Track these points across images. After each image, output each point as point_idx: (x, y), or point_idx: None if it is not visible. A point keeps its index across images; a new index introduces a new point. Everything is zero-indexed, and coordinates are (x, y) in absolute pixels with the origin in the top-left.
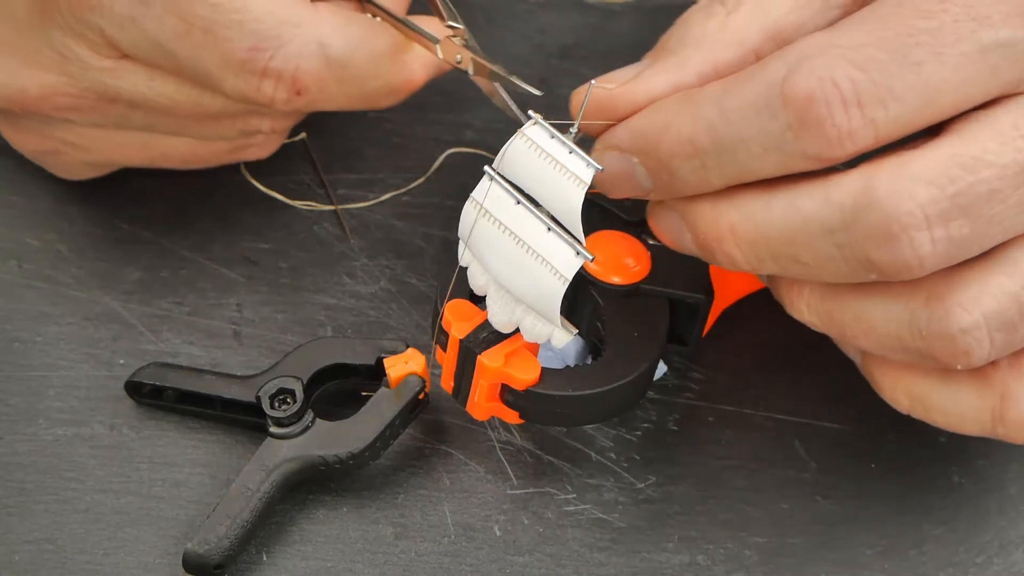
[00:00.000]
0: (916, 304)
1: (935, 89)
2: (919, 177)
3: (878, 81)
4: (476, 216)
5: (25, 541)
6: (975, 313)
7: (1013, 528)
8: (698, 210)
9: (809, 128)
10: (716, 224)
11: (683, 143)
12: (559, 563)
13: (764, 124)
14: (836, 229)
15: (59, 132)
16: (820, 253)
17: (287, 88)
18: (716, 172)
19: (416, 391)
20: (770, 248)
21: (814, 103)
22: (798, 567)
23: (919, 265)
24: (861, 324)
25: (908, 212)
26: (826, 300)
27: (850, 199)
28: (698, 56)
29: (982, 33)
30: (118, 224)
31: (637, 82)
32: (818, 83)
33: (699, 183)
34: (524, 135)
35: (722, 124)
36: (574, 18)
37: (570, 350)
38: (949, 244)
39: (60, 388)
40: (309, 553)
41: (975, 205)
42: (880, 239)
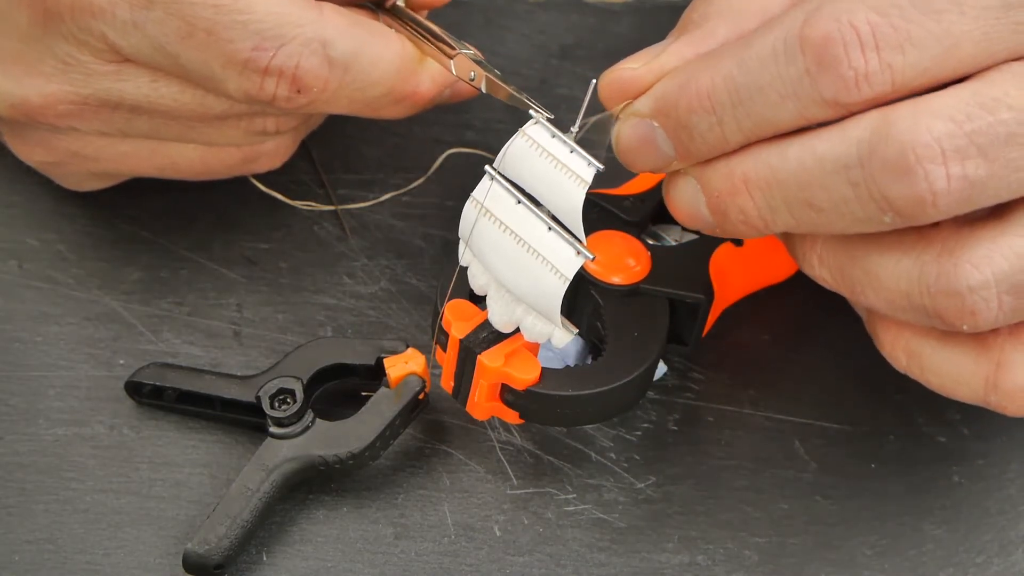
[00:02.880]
0: (927, 258)
1: (955, 39)
2: (937, 112)
3: (897, 25)
4: (477, 216)
5: (25, 541)
6: (985, 272)
7: (1013, 528)
8: (712, 169)
9: (826, 69)
10: (730, 177)
11: (701, 98)
12: (559, 563)
13: (781, 69)
14: (852, 165)
15: (64, 142)
16: (835, 194)
17: (288, 85)
18: (734, 127)
19: (416, 391)
20: (784, 194)
21: (831, 44)
22: (798, 567)
23: (933, 203)
24: (871, 279)
25: (925, 144)
26: (838, 254)
27: (867, 133)
28: (723, 27)
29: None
30: (118, 224)
31: (664, 57)
32: (836, 24)
33: (717, 141)
34: (525, 134)
35: (740, 74)
36: (574, 18)
37: (570, 350)
38: (964, 183)
39: (60, 388)
40: (309, 553)
41: (993, 146)
42: (896, 172)
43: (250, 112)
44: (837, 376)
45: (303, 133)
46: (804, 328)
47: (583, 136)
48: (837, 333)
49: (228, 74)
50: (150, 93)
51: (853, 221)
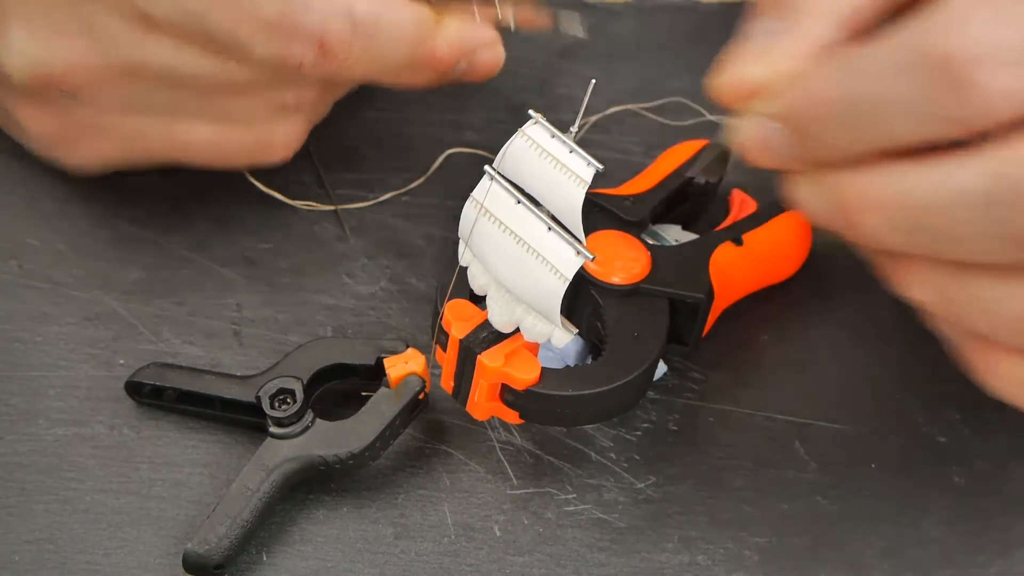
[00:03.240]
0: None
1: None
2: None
3: None
4: (476, 216)
5: (25, 541)
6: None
7: (1013, 528)
8: (841, 180)
9: (963, 90)
10: (861, 194)
11: (830, 106)
12: (559, 563)
13: (915, 86)
14: (992, 200)
15: (79, 113)
16: (969, 226)
17: (314, 49)
18: (862, 137)
19: (416, 391)
20: (912, 219)
21: (968, 64)
22: (798, 567)
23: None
24: (983, 304)
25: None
26: (946, 278)
27: (1008, 168)
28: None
29: None
30: (118, 224)
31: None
32: (972, 43)
33: (844, 149)
34: (525, 134)
35: (871, 87)
36: None
37: (570, 350)
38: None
39: (60, 388)
40: (309, 553)
41: None
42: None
43: (271, 82)
44: (837, 376)
45: (315, 119)
46: (804, 328)
47: (582, 136)
48: (837, 333)
49: (255, 38)
50: (174, 60)
51: (981, 252)
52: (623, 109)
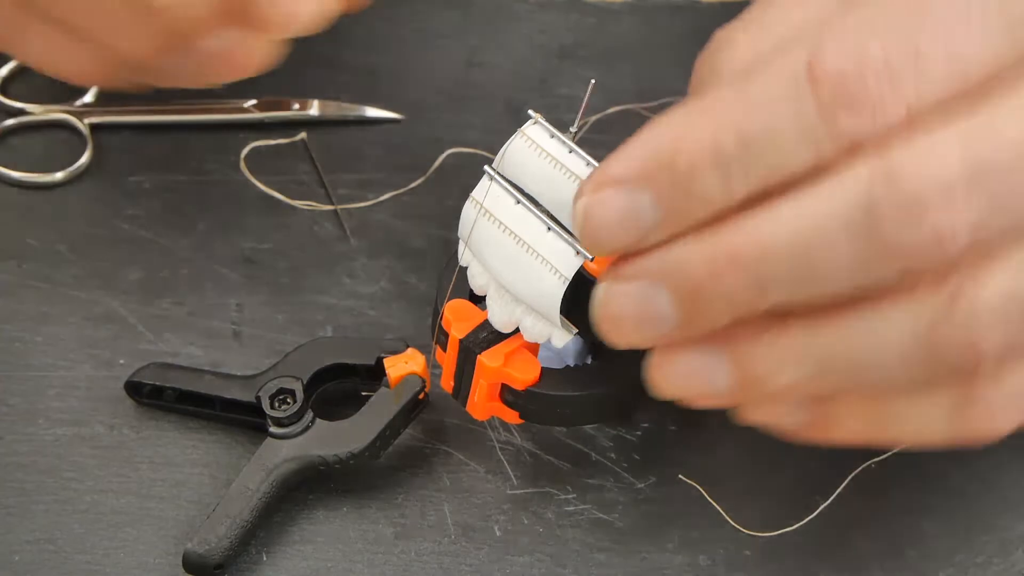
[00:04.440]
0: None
1: (965, 63)
2: (937, 152)
3: (907, 53)
4: (476, 216)
5: (25, 541)
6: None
7: (1013, 528)
8: (680, 255)
9: (843, 104)
10: (712, 260)
11: (706, 149)
12: (559, 563)
13: (794, 109)
14: (856, 219)
15: None
16: (840, 254)
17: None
18: (741, 179)
19: (416, 391)
20: (779, 266)
21: (846, 77)
22: (798, 567)
23: (942, 245)
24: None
25: (930, 187)
26: (820, 335)
27: (867, 183)
28: None
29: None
30: (118, 224)
31: None
32: (847, 56)
33: (720, 197)
34: (524, 134)
35: (748, 120)
36: (574, 18)
37: (570, 350)
38: (971, 222)
39: (60, 388)
40: (309, 553)
41: (996, 180)
42: (904, 219)
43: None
44: None
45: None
46: None
47: (582, 136)
48: None
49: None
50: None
51: (856, 280)
52: (623, 109)
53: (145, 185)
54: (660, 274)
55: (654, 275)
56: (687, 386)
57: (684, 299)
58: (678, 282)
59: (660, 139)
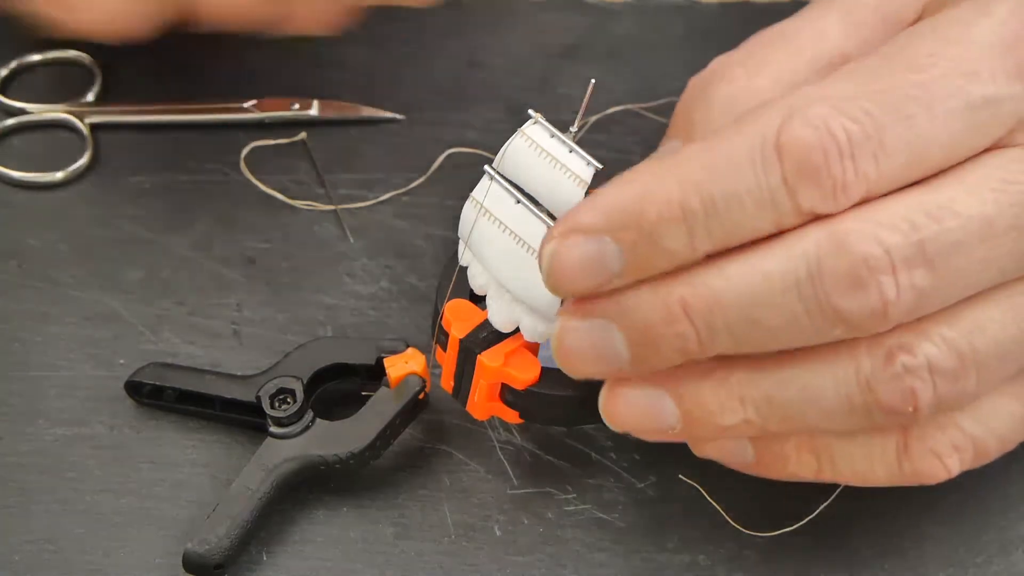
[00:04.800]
0: (861, 353)
1: (925, 144)
2: (886, 223)
3: (871, 134)
4: (476, 215)
5: (25, 541)
6: (920, 356)
7: (1013, 528)
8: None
9: (806, 178)
10: (665, 305)
11: (671, 207)
12: (559, 563)
13: (758, 177)
14: (802, 281)
15: None
16: (784, 311)
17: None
18: (704, 237)
19: (416, 391)
20: (727, 316)
21: (812, 152)
22: (798, 567)
23: (884, 313)
24: (808, 395)
25: (876, 256)
26: (763, 382)
27: (815, 247)
28: None
29: (970, 88)
30: (118, 224)
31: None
32: (814, 132)
33: (684, 252)
34: (524, 134)
35: (712, 182)
36: (574, 18)
37: None
38: (913, 292)
39: (60, 388)
40: (309, 553)
41: (940, 255)
42: (849, 286)
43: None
44: None
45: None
46: None
47: (582, 136)
48: None
49: None
50: None
51: (799, 336)
52: (623, 109)
53: (145, 185)
54: (615, 315)
55: (609, 315)
56: (637, 421)
57: (636, 341)
58: (631, 325)
59: (630, 193)
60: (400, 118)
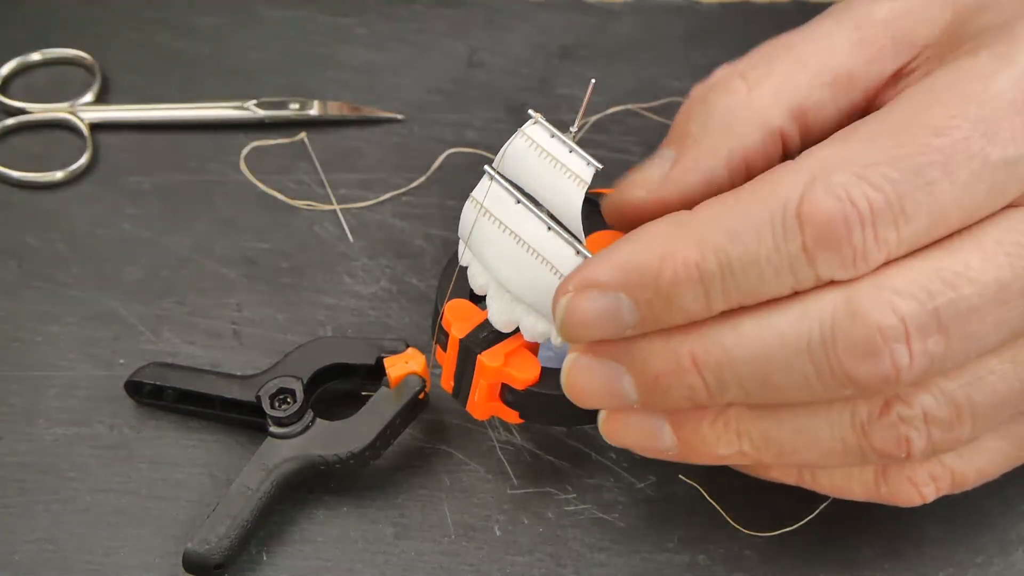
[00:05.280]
0: (859, 401)
1: (945, 209)
2: (901, 290)
3: (892, 201)
4: (476, 216)
5: (25, 541)
6: (915, 407)
7: (1013, 528)
8: (649, 349)
9: (827, 248)
10: (675, 357)
11: (689, 269)
12: (559, 563)
13: (778, 244)
14: (815, 345)
15: None
16: (796, 372)
17: None
18: (719, 298)
19: (416, 391)
20: (738, 372)
21: (834, 222)
22: (798, 567)
23: (897, 378)
24: (804, 437)
25: (891, 325)
26: (761, 421)
27: (829, 312)
28: (725, 142)
29: (991, 150)
30: (118, 224)
31: (670, 185)
32: (837, 202)
33: (699, 311)
34: (524, 134)
35: (732, 245)
36: (574, 18)
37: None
38: (926, 359)
39: (60, 388)
40: (309, 553)
41: (954, 321)
42: (862, 353)
43: None
44: None
45: None
46: None
47: (583, 136)
48: None
49: None
50: None
51: (809, 394)
52: (623, 109)
53: (145, 185)
54: (626, 359)
55: (620, 359)
56: (634, 441)
57: (645, 386)
58: (641, 371)
59: (647, 252)
60: (400, 118)
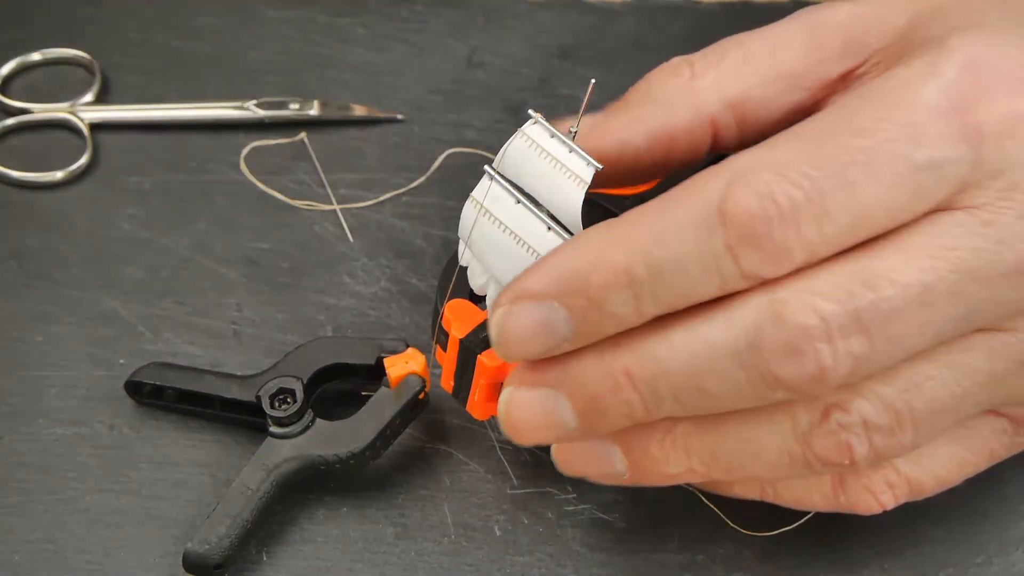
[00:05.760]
0: (798, 409)
1: (869, 209)
2: (822, 291)
3: (813, 199)
4: (476, 215)
5: (25, 541)
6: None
7: (1012, 528)
8: (582, 370)
9: (750, 244)
10: (610, 374)
11: (618, 273)
12: (559, 563)
13: (703, 243)
14: (742, 349)
15: None
16: (727, 378)
17: None
18: (650, 302)
19: (416, 391)
20: (672, 383)
21: (755, 219)
22: (798, 567)
23: (822, 378)
24: (749, 448)
25: (812, 325)
26: (706, 435)
27: (754, 316)
28: (653, 116)
29: (915, 153)
30: (118, 224)
31: (583, 141)
32: (757, 199)
33: (630, 316)
34: (524, 134)
35: (658, 248)
36: (574, 18)
37: None
38: (850, 359)
39: (60, 388)
40: (309, 553)
41: (875, 323)
42: (787, 354)
43: None
44: None
45: None
46: None
47: None
48: None
49: None
50: None
51: (743, 400)
52: None
53: (145, 185)
54: (562, 384)
55: (556, 384)
56: (588, 470)
57: (583, 409)
58: (578, 393)
59: (577, 259)
60: (400, 118)
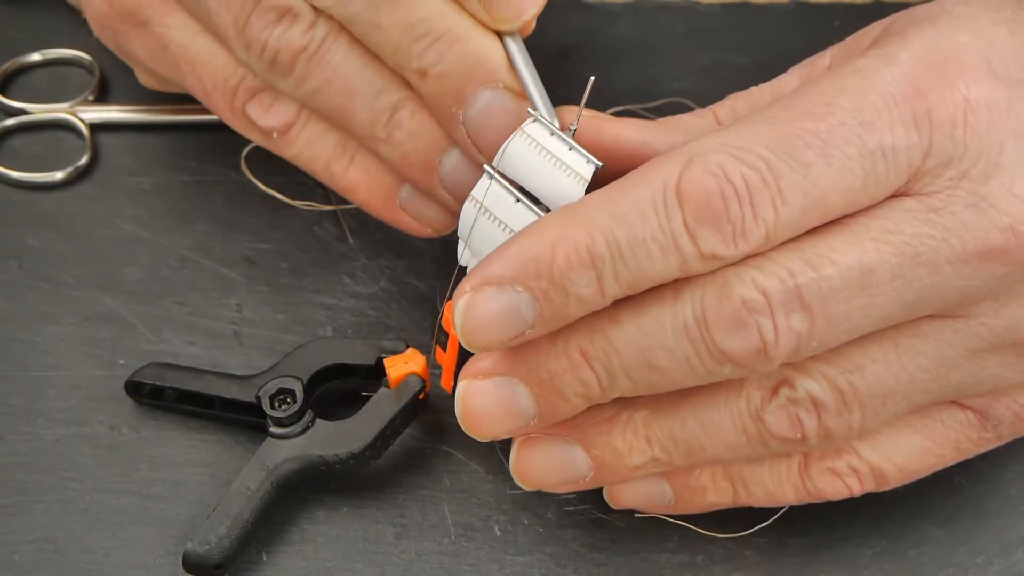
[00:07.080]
0: (750, 388)
1: (822, 191)
2: (767, 269)
3: (768, 180)
4: (476, 215)
5: (25, 541)
6: (801, 389)
7: (1013, 528)
8: (540, 352)
9: (705, 223)
10: (566, 354)
11: (580, 252)
12: (559, 563)
13: (661, 222)
14: (689, 324)
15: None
16: (677, 353)
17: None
18: (612, 282)
19: (416, 391)
20: (624, 360)
21: (711, 197)
22: (798, 567)
23: (766, 353)
24: (707, 431)
25: (753, 299)
26: (666, 421)
27: (699, 293)
28: (671, 135)
29: (868, 138)
30: (118, 224)
31: (588, 127)
32: (714, 179)
33: (594, 298)
34: (524, 133)
35: (618, 226)
36: (574, 18)
37: None
38: (791, 334)
39: (60, 388)
40: (309, 553)
41: (815, 300)
42: (729, 326)
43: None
44: None
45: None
46: None
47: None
48: None
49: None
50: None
51: (694, 376)
52: (623, 109)
53: (145, 185)
54: (518, 368)
55: (512, 371)
56: (550, 477)
57: (541, 392)
58: (535, 377)
59: (539, 242)
60: None
